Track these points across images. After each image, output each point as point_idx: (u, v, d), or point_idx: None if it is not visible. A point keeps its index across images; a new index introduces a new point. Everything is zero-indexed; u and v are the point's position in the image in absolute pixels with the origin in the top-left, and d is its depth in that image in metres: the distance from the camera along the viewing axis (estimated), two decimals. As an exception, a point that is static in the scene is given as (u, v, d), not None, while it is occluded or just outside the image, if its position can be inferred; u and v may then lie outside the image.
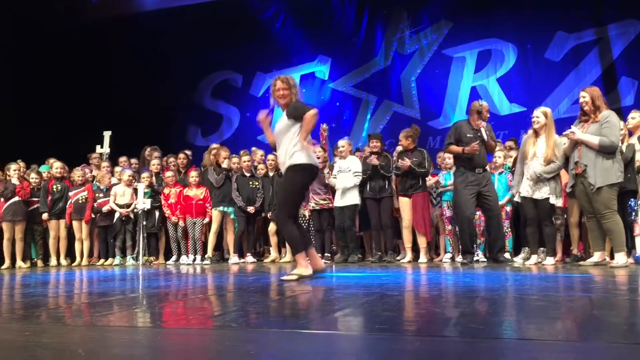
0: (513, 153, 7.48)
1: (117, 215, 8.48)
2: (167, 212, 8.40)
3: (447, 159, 7.51)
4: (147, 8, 12.97)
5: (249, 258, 8.24)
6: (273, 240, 8.34)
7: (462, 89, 11.19)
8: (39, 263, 8.48)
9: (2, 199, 8.16)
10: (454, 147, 6.66)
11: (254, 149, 9.23)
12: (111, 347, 2.25)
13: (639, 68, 9.90)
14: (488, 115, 6.85)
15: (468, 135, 6.60)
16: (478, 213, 6.93)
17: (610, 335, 2.27)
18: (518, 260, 6.68)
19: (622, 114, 6.80)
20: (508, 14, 10.86)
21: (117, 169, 9.07)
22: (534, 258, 6.38)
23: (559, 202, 6.32)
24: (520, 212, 6.75)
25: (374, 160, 7.51)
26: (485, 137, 6.57)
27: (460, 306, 3.19)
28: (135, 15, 13.04)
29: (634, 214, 5.97)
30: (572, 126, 6.00)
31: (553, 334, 2.32)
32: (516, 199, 6.47)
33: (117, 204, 8.41)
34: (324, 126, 8.78)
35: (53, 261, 8.46)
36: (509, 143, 8.06)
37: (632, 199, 6.01)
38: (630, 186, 6.04)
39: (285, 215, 4.63)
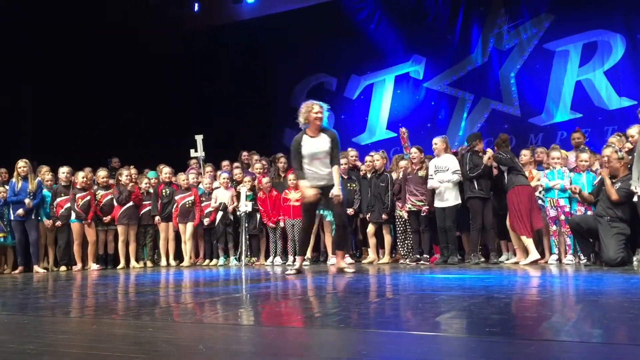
0: (629, 145, 7.05)
1: (218, 217, 8.81)
2: (264, 217, 8.64)
3: (553, 158, 7.23)
4: (244, 17, 13.41)
5: (347, 259, 8.28)
6: (371, 241, 8.35)
7: (565, 84, 10.67)
8: (149, 263, 8.96)
9: (117, 204, 8.71)
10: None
11: (349, 149, 9.28)
12: (228, 343, 2.36)
13: None
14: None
15: None
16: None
17: None
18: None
19: None
20: (614, 3, 10.24)
21: (218, 172, 9.41)
22: (650, 260, 6.00)
23: None
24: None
25: (490, 160, 7.36)
26: None
27: (573, 310, 3.06)
28: (233, 24, 13.52)
29: None
30: None
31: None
32: (635, 199, 6.10)
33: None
34: (403, 129, 8.66)
35: (163, 262, 8.93)
36: (623, 138, 7.58)
37: None
38: None
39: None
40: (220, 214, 8.77)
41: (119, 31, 11.45)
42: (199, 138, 9.96)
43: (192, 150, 10.07)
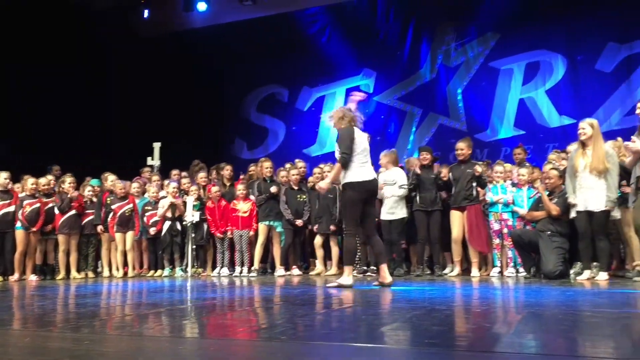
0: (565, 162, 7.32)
1: (165, 227, 8.64)
2: (212, 228, 8.54)
3: (495, 172, 7.43)
4: (196, 25, 13.28)
5: (295, 271, 8.28)
6: (319, 253, 8.35)
7: (509, 102, 11.02)
8: (90, 274, 8.69)
9: (58, 212, 8.42)
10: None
11: (297, 161, 9.31)
12: (167, 356, 2.31)
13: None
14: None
15: None
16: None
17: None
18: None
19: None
20: (557, 26, 10.66)
21: (166, 181, 9.22)
22: (586, 273, 6.22)
23: (617, 215, 6.17)
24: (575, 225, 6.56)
25: (444, 172, 7.49)
26: None
27: (511, 321, 3.14)
28: (185, 31, 13.37)
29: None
30: (632, 137, 5.83)
31: (608, 351, 2.27)
32: (572, 214, 6.32)
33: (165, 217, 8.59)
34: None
35: (106, 272, 8.68)
36: (562, 155, 7.86)
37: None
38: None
39: (346, 227, 5.67)
40: (167, 224, 8.60)
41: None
42: (156, 146, 9.79)
43: (148, 158, 9.88)
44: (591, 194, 6.09)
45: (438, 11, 11.65)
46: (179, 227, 8.60)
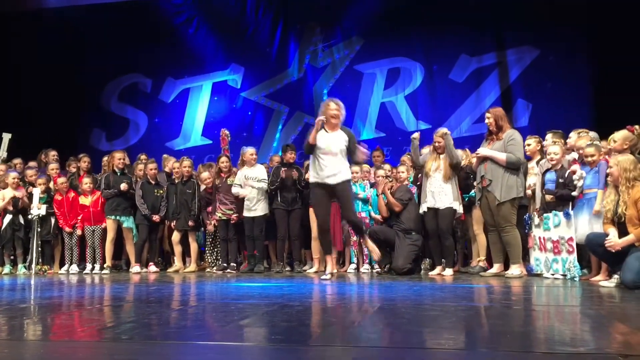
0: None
1: (6, 221, 7.96)
2: (60, 221, 8.00)
3: (354, 173, 7.68)
4: (52, 4, 12.35)
5: (152, 267, 8.00)
6: (177, 249, 8.12)
7: (372, 105, 11.45)
8: None
9: None
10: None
11: (165, 156, 8.99)
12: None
13: (534, 92, 10.56)
14: None
15: None
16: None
17: (494, 343, 2.39)
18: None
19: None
20: (416, 36, 11.26)
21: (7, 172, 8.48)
22: (437, 269, 6.63)
23: (460, 209, 6.62)
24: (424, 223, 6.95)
25: (293, 173, 7.53)
26: None
27: (357, 316, 3.25)
28: (40, 10, 12.38)
29: (527, 227, 6.33)
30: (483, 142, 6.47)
31: (440, 342, 2.41)
32: (421, 211, 6.71)
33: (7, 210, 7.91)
34: (225, 131, 8.62)
35: None
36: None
37: (527, 214, 6.38)
38: (523, 202, 6.42)
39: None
40: (8, 217, 7.91)
41: None
42: (6, 137, 8.96)
43: None
44: (438, 195, 6.53)
45: (306, 11, 11.80)
46: (22, 220, 7.96)
